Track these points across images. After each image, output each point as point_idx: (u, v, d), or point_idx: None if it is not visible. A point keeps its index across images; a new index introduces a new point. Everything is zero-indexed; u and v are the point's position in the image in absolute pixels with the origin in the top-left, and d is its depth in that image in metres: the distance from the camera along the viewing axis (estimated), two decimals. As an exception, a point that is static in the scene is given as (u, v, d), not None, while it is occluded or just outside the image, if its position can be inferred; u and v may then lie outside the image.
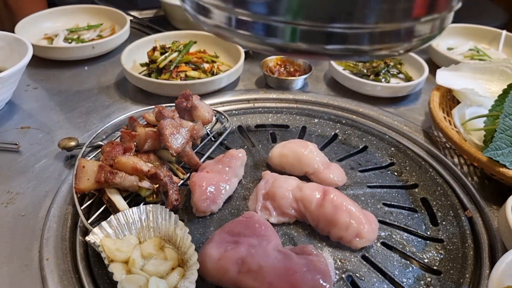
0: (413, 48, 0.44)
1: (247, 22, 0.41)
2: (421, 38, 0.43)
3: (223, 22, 0.42)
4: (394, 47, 0.42)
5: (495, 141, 0.87)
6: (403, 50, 0.43)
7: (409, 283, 0.75)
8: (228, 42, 1.32)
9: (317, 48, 0.40)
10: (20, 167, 0.94)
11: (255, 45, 0.42)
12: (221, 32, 0.44)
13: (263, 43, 0.41)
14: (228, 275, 0.69)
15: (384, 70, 1.28)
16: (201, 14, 0.44)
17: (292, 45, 0.40)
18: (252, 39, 0.42)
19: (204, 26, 0.45)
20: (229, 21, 0.42)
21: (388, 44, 0.42)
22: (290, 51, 0.41)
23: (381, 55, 0.43)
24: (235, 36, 0.43)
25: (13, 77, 1.05)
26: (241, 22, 0.41)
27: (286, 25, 0.39)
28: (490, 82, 1.12)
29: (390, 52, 0.43)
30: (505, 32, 1.47)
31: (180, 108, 0.97)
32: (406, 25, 0.41)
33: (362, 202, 0.90)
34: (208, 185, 0.84)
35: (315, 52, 0.41)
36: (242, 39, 0.42)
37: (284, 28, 0.39)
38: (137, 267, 0.68)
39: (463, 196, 0.91)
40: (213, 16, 0.43)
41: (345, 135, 1.10)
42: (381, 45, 0.41)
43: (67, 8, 1.52)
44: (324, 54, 0.41)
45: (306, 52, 0.41)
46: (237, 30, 0.42)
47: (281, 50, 0.42)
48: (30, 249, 0.76)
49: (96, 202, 0.84)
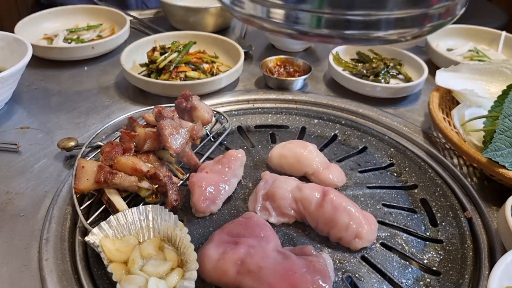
0: (421, 34, 0.47)
1: (278, 12, 0.45)
2: (433, 24, 0.45)
3: (256, 12, 0.47)
4: (404, 33, 0.45)
5: (495, 142, 0.87)
6: (411, 36, 0.46)
7: (408, 283, 0.75)
8: (228, 42, 1.33)
9: (337, 33, 0.44)
10: (20, 167, 0.94)
11: (282, 30, 0.46)
12: (254, 20, 0.48)
13: (290, 28, 0.45)
14: (227, 276, 0.69)
15: (383, 70, 1.28)
16: (236, 5, 0.49)
17: (315, 30, 0.44)
18: (281, 26, 0.46)
19: (237, 15, 0.50)
20: (261, 11, 0.47)
21: (399, 30, 0.45)
22: (311, 35, 0.45)
23: (391, 39, 0.46)
24: (266, 23, 0.47)
25: (12, 77, 1.05)
26: (272, 12, 0.45)
27: (313, 14, 0.43)
28: (489, 83, 1.12)
29: (399, 37, 0.46)
30: (505, 33, 1.47)
31: (180, 108, 0.97)
32: (421, 11, 0.44)
33: (362, 202, 0.90)
34: (208, 185, 0.84)
35: (333, 36, 0.44)
36: (272, 25, 0.47)
37: (311, 16, 0.43)
38: (136, 268, 0.68)
39: (462, 197, 0.91)
40: (247, 6, 0.48)
41: (345, 135, 1.10)
42: (394, 30, 0.44)
43: (67, 8, 1.52)
44: (340, 37, 0.44)
45: (326, 36, 0.45)
46: (268, 19, 0.46)
47: (303, 34, 0.46)
48: (29, 249, 0.76)
49: (95, 203, 0.84)
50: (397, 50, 1.37)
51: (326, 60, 1.36)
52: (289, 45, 1.49)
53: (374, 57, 1.36)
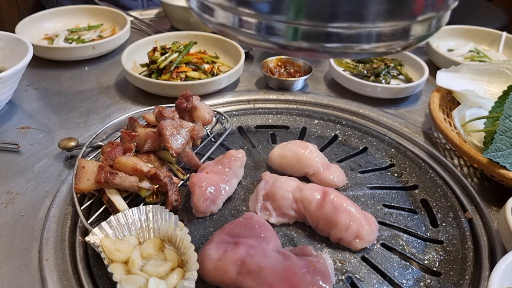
0: (410, 45, 0.45)
1: (250, 21, 0.42)
2: (418, 36, 0.44)
3: (227, 21, 0.44)
4: (391, 45, 0.43)
5: (495, 142, 0.87)
6: (400, 47, 0.45)
7: (408, 284, 0.75)
8: (228, 43, 1.33)
9: (318, 46, 0.41)
10: (20, 167, 0.94)
11: (258, 43, 0.44)
12: (225, 30, 0.45)
13: (266, 41, 0.43)
14: (227, 276, 0.69)
15: (384, 71, 1.28)
16: (206, 13, 0.46)
17: (293, 43, 0.42)
18: (255, 37, 0.43)
19: (208, 25, 0.47)
20: (233, 20, 0.43)
21: (385, 43, 0.43)
22: (291, 49, 0.43)
23: (379, 52, 0.44)
24: (239, 34, 0.44)
25: (13, 77, 1.05)
26: (244, 21, 0.42)
27: (289, 25, 0.40)
28: (490, 83, 1.12)
29: (387, 50, 0.44)
30: (505, 34, 1.47)
31: (180, 108, 0.97)
32: (403, 24, 0.42)
33: (362, 203, 0.90)
34: (208, 185, 0.84)
35: (315, 50, 0.42)
36: (245, 37, 0.44)
37: (287, 27, 0.41)
38: (136, 268, 0.68)
39: (463, 198, 0.91)
40: (218, 15, 0.44)
41: (345, 136, 1.10)
42: (378, 43, 0.42)
43: (68, 8, 1.53)
44: (324, 52, 0.42)
45: (307, 50, 0.42)
46: (240, 29, 0.43)
47: (283, 48, 0.43)
48: (29, 249, 0.76)
49: (96, 203, 0.84)
50: (397, 50, 1.37)
51: (326, 61, 1.36)
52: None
53: (375, 58, 1.36)
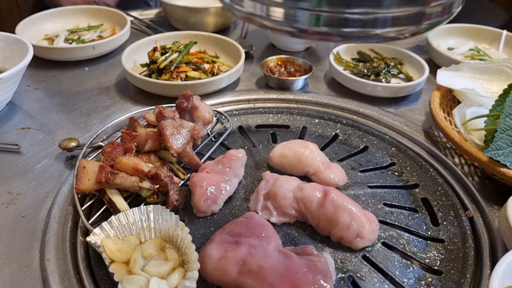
0: (419, 32, 0.47)
1: (277, 10, 0.46)
2: (429, 22, 0.46)
3: (255, 10, 0.48)
4: (402, 30, 0.46)
5: (496, 141, 0.87)
6: (409, 33, 0.47)
7: (410, 283, 0.75)
8: (229, 42, 1.33)
9: (335, 31, 0.45)
10: (21, 167, 0.94)
11: (282, 28, 0.47)
12: (254, 18, 0.49)
13: (289, 26, 0.46)
14: (228, 276, 0.69)
15: (384, 70, 1.28)
16: (235, 3, 0.50)
17: (314, 28, 0.45)
18: (280, 24, 0.47)
19: (237, 13, 0.51)
20: (261, 9, 0.47)
21: (397, 27, 0.45)
22: (310, 33, 0.46)
23: (389, 37, 0.46)
24: (266, 21, 0.48)
25: (13, 78, 1.05)
26: (271, 10, 0.46)
27: (312, 12, 0.44)
28: (490, 82, 1.12)
29: (397, 35, 0.46)
30: (506, 32, 1.47)
31: (181, 108, 0.97)
32: (417, 9, 0.44)
33: (363, 202, 0.90)
34: (209, 185, 0.84)
35: (332, 34, 0.45)
36: (272, 23, 0.47)
37: (310, 15, 0.44)
38: (137, 268, 0.68)
39: (463, 196, 0.91)
40: (247, 5, 0.48)
41: (346, 135, 1.10)
42: (391, 28, 0.45)
43: (68, 8, 1.53)
44: (339, 35, 0.45)
45: (325, 34, 0.45)
46: (268, 17, 0.47)
47: (303, 32, 0.46)
48: (31, 249, 0.76)
49: (96, 203, 0.84)
50: (397, 49, 1.37)
51: (326, 60, 1.36)
52: (290, 45, 1.49)
53: (375, 57, 1.36)
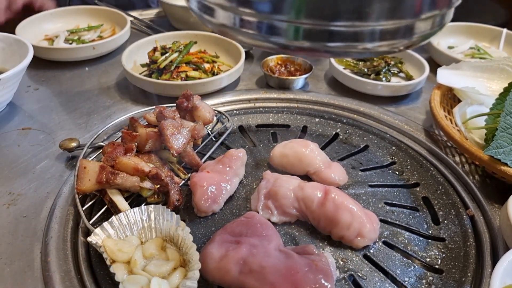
0: (413, 44, 0.44)
1: (251, 21, 0.41)
2: (421, 35, 0.44)
3: (228, 21, 0.43)
4: (394, 44, 0.43)
5: (496, 139, 0.87)
6: (403, 46, 0.44)
7: (411, 282, 0.75)
8: (229, 42, 1.32)
9: (319, 46, 0.41)
10: (22, 168, 0.94)
11: (259, 43, 0.43)
12: (226, 31, 0.45)
13: (267, 41, 0.42)
14: (229, 276, 0.69)
15: (384, 69, 1.28)
16: (206, 14, 0.45)
17: (295, 43, 0.41)
18: (256, 37, 0.42)
19: (209, 25, 0.46)
20: (233, 20, 0.43)
21: (388, 41, 0.42)
22: (293, 49, 0.42)
23: (381, 51, 0.43)
24: (240, 35, 0.44)
25: (14, 78, 1.05)
26: (245, 21, 0.42)
27: (290, 24, 0.40)
28: (491, 80, 1.12)
29: (390, 49, 0.43)
30: (506, 31, 1.47)
31: (181, 108, 0.97)
32: (406, 22, 0.41)
33: (364, 201, 0.90)
34: (209, 185, 0.84)
35: (317, 49, 0.41)
36: (246, 37, 0.43)
37: (288, 27, 0.40)
38: (138, 268, 0.68)
39: (464, 195, 0.91)
40: (218, 15, 0.44)
41: (346, 134, 1.10)
42: (381, 42, 0.42)
43: (68, 9, 1.53)
44: (326, 51, 0.41)
45: (308, 50, 0.42)
46: (241, 29, 0.43)
47: (284, 48, 0.42)
48: (32, 250, 0.76)
49: (97, 203, 0.84)
50: (398, 48, 1.37)
51: (327, 59, 1.35)
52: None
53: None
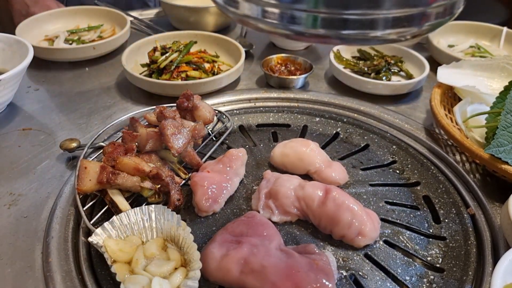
0: (421, 33, 0.46)
1: (273, 11, 0.44)
2: (431, 24, 0.45)
3: (251, 12, 0.46)
4: (403, 32, 0.44)
5: (497, 138, 0.87)
6: (411, 35, 0.45)
7: (412, 281, 0.75)
8: (229, 42, 1.32)
9: (334, 33, 0.43)
10: (22, 168, 0.94)
11: (278, 31, 0.46)
12: (248, 21, 0.47)
13: (285, 29, 0.45)
14: (230, 275, 0.69)
15: (385, 68, 1.28)
16: (231, 6, 0.48)
17: (311, 30, 0.43)
18: (276, 26, 0.45)
19: (232, 16, 0.49)
20: (256, 11, 0.46)
21: (398, 29, 0.44)
22: (307, 36, 0.44)
23: (390, 39, 0.45)
24: (261, 24, 0.46)
25: (14, 79, 1.05)
26: (267, 11, 0.45)
27: (309, 13, 0.42)
28: (491, 79, 1.12)
29: (398, 37, 0.45)
30: (506, 29, 1.47)
31: (181, 108, 0.97)
32: (418, 10, 0.43)
33: (364, 200, 0.90)
34: (210, 184, 0.84)
35: (330, 36, 0.44)
36: (266, 26, 0.46)
37: (307, 16, 0.42)
38: (140, 268, 0.68)
39: (465, 194, 0.91)
40: (243, 7, 0.47)
41: (347, 133, 1.10)
42: (391, 30, 0.43)
43: (68, 9, 1.53)
44: (337, 38, 0.44)
45: (323, 37, 0.44)
46: (263, 19, 0.45)
47: (300, 35, 0.45)
48: (33, 250, 0.77)
49: (98, 203, 0.84)
50: (398, 47, 1.37)
51: (327, 58, 1.35)
52: (290, 44, 1.49)
53: (375, 55, 1.36)
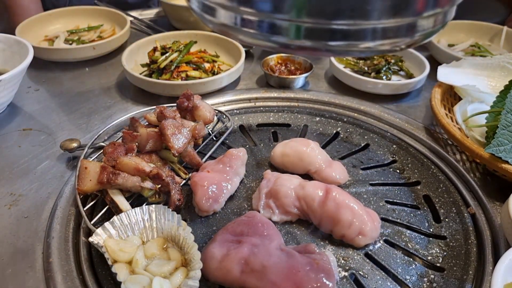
0: (415, 43, 0.44)
1: (252, 20, 0.41)
2: (423, 33, 0.43)
3: (229, 21, 0.43)
4: (396, 42, 0.42)
5: (497, 137, 0.87)
6: (405, 45, 0.44)
7: (412, 280, 0.75)
8: (229, 41, 1.32)
9: (321, 45, 0.40)
10: (23, 169, 0.94)
11: (260, 42, 0.43)
12: (227, 30, 0.44)
13: (268, 40, 0.42)
14: (231, 275, 0.69)
15: (385, 67, 1.28)
16: (208, 14, 0.45)
17: (296, 42, 0.41)
18: (257, 37, 0.42)
19: (210, 25, 0.46)
20: (234, 19, 0.43)
21: (390, 40, 0.42)
22: (294, 48, 0.42)
23: (383, 50, 0.43)
24: (241, 34, 0.43)
25: (14, 79, 1.05)
26: (246, 20, 0.42)
27: (291, 23, 0.39)
28: (491, 78, 1.12)
29: (392, 47, 0.43)
30: (506, 28, 1.47)
31: (182, 108, 0.97)
32: (408, 20, 0.41)
33: (365, 200, 0.90)
34: (210, 184, 0.84)
35: (318, 48, 0.41)
36: (247, 36, 0.43)
37: (289, 26, 0.40)
38: (140, 268, 0.68)
39: (465, 193, 0.91)
40: (219, 15, 0.44)
41: (347, 133, 1.10)
42: (383, 40, 0.41)
43: (67, 9, 1.53)
44: (327, 50, 0.41)
45: (310, 49, 0.41)
46: (242, 28, 0.42)
47: (285, 47, 0.42)
48: (33, 250, 0.77)
49: (98, 203, 0.84)
50: (398, 46, 1.37)
51: (327, 58, 1.35)
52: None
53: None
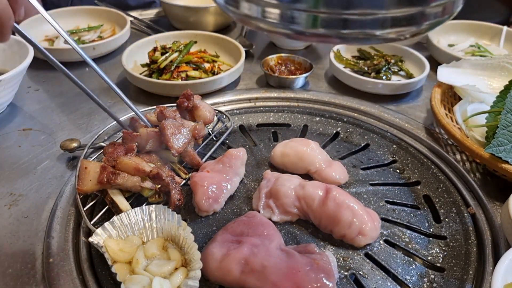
0: (420, 32, 0.46)
1: (273, 11, 0.45)
2: (430, 23, 0.45)
3: (251, 12, 0.47)
4: (402, 31, 0.45)
5: (497, 137, 0.87)
6: (410, 34, 0.46)
7: (412, 280, 0.75)
8: (229, 41, 1.32)
9: (334, 33, 0.43)
10: (23, 169, 0.94)
11: (278, 30, 0.46)
12: (248, 20, 0.48)
13: (285, 28, 0.45)
14: (231, 275, 0.69)
15: (385, 67, 1.28)
16: (231, 5, 0.49)
17: (311, 30, 0.44)
18: (276, 25, 0.45)
19: (232, 15, 0.50)
20: (256, 11, 0.46)
21: (397, 29, 0.44)
22: (308, 35, 0.45)
23: (389, 38, 0.45)
24: (261, 23, 0.47)
25: (14, 79, 1.05)
26: (267, 11, 0.45)
27: (309, 13, 0.43)
28: (491, 78, 1.12)
29: (397, 36, 0.45)
30: (506, 28, 1.47)
31: (182, 108, 0.97)
32: (417, 9, 0.43)
33: (365, 200, 0.90)
34: (210, 184, 0.84)
35: (331, 36, 0.44)
36: (267, 25, 0.46)
37: (307, 16, 0.43)
38: (140, 268, 0.68)
39: (465, 193, 0.91)
40: (243, 6, 0.47)
41: (347, 133, 1.10)
42: (390, 29, 0.44)
43: (67, 9, 1.53)
44: (338, 37, 0.44)
45: (323, 36, 0.44)
46: (263, 18, 0.46)
47: (300, 34, 0.45)
48: (33, 250, 0.77)
49: (98, 203, 0.84)
50: (398, 46, 1.37)
51: (327, 58, 1.36)
52: (290, 43, 1.49)
53: (375, 54, 1.35)
